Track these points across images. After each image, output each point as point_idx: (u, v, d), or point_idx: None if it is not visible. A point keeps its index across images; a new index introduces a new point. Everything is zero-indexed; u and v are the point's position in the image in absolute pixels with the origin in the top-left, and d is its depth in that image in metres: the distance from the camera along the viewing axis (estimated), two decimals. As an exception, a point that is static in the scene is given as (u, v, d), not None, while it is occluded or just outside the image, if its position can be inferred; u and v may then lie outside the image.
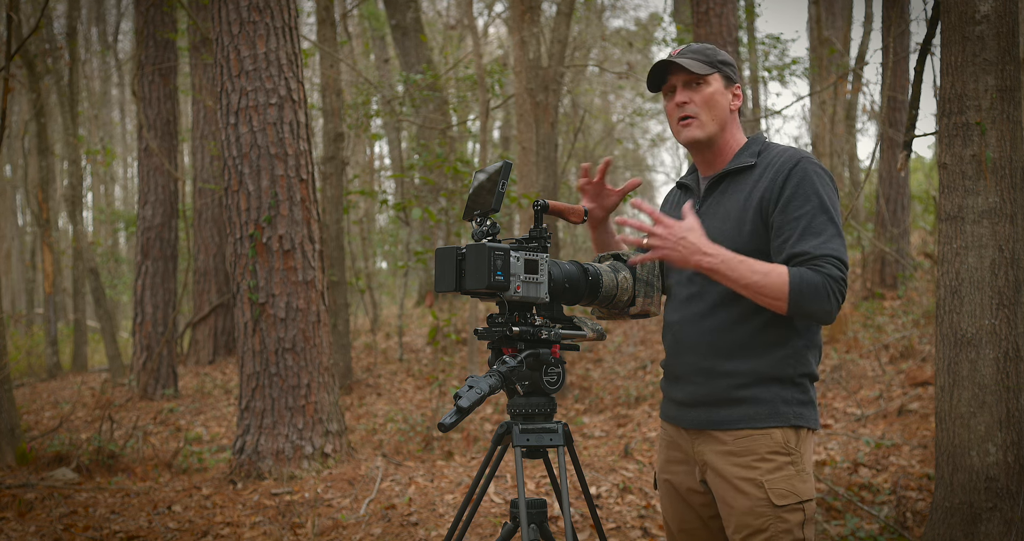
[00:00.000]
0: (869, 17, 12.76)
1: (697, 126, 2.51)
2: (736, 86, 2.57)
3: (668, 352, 2.59)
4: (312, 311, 6.00)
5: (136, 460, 6.82)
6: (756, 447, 2.40)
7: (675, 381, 2.57)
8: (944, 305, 3.70)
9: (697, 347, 2.48)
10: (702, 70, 2.48)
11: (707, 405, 2.46)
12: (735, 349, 2.43)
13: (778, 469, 2.39)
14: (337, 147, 9.82)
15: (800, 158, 2.43)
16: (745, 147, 2.55)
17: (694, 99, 2.50)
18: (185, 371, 12.19)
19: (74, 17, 14.83)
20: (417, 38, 14.55)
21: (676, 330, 2.54)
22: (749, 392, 2.41)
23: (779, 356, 2.42)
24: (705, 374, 2.47)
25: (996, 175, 3.59)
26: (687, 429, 2.53)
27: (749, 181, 2.47)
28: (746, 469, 2.39)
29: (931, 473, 5.29)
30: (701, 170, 2.63)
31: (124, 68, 23.77)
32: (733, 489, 2.41)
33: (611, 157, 2.74)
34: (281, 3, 6.00)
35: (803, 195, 2.37)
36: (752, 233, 2.42)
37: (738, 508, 2.40)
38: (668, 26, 16.25)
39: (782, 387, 2.42)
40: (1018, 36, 3.66)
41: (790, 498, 2.37)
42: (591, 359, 10.78)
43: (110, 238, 23.69)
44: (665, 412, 2.63)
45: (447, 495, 5.31)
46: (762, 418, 2.40)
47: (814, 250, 2.32)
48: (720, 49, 2.59)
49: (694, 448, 2.51)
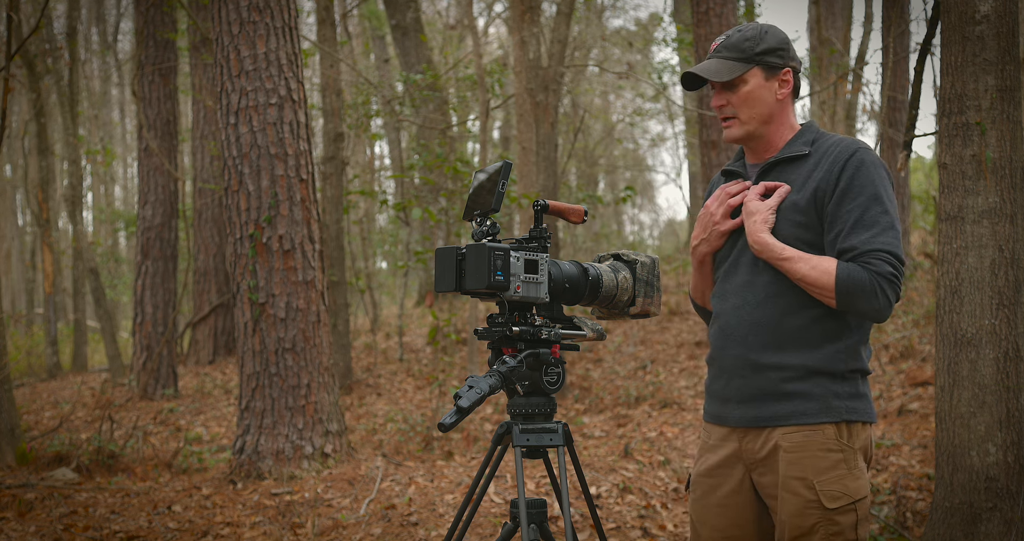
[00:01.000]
0: (869, 17, 12.76)
1: (736, 126, 2.44)
2: (784, 71, 2.44)
3: (714, 345, 2.52)
4: (312, 311, 6.00)
5: (136, 460, 6.82)
6: (807, 444, 2.32)
7: (721, 375, 2.48)
8: (944, 305, 3.70)
9: (745, 339, 2.41)
10: (730, 74, 2.40)
11: (755, 400, 2.39)
12: (785, 342, 2.36)
13: (831, 468, 2.31)
14: (337, 147, 9.82)
15: (857, 148, 2.36)
16: (798, 135, 2.46)
17: (731, 100, 2.43)
18: (185, 371, 12.18)
19: (74, 17, 14.83)
20: (417, 38, 14.55)
21: (723, 321, 2.48)
22: (798, 386, 2.34)
23: (831, 351, 2.35)
24: (752, 367, 2.39)
25: (996, 175, 3.59)
26: (734, 427, 2.45)
27: (803, 170, 2.40)
28: (796, 468, 2.32)
29: (931, 473, 5.29)
30: (749, 157, 2.56)
31: (124, 68, 23.76)
32: (783, 489, 2.33)
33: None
34: (281, 3, 6.00)
35: (858, 186, 2.31)
36: (805, 225, 2.36)
37: (787, 509, 2.32)
38: (668, 26, 16.26)
39: (832, 382, 2.34)
40: (1018, 36, 3.66)
41: (842, 499, 2.29)
42: (591, 359, 10.78)
43: (110, 238, 23.69)
44: (709, 411, 2.55)
45: (447, 495, 5.31)
46: (813, 413, 2.33)
47: (863, 245, 2.26)
48: (768, 32, 2.45)
49: (742, 446, 2.43)
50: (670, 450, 6.51)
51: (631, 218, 32.68)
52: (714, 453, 2.51)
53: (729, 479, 2.47)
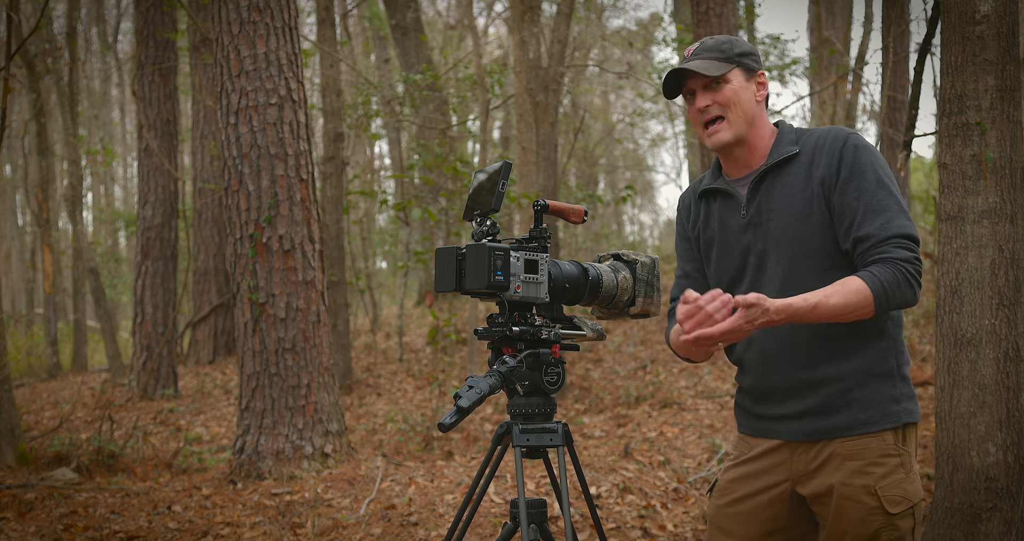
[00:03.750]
0: (869, 17, 12.76)
1: (725, 129, 2.38)
2: (759, 73, 2.43)
3: (754, 370, 2.43)
4: (312, 311, 6.00)
5: (136, 460, 6.82)
6: (867, 452, 2.29)
7: (770, 397, 2.40)
8: (944, 305, 3.70)
9: (793, 360, 2.34)
10: (718, 71, 2.36)
11: (814, 414, 2.32)
12: (833, 352, 2.31)
13: (890, 473, 2.28)
14: (337, 147, 9.82)
15: (848, 134, 2.33)
16: (781, 137, 2.42)
17: (716, 100, 2.38)
18: (185, 371, 12.18)
19: (74, 17, 14.83)
20: (417, 38, 14.55)
21: (761, 346, 2.39)
22: (857, 394, 2.30)
23: (880, 348, 2.31)
24: (807, 385, 2.33)
25: (996, 175, 3.59)
26: (787, 441, 2.38)
27: (799, 169, 2.35)
28: (860, 476, 2.28)
29: (931, 473, 5.28)
30: (732, 172, 2.47)
31: (124, 68, 23.77)
32: (842, 497, 2.29)
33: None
34: (281, 3, 6.00)
35: (859, 173, 2.27)
36: (821, 225, 2.30)
37: (849, 517, 2.28)
38: (668, 26, 16.26)
39: (889, 384, 2.31)
40: (1018, 36, 3.65)
41: (903, 504, 2.27)
42: (591, 359, 10.78)
43: (110, 238, 23.69)
44: (751, 426, 2.47)
45: (447, 495, 5.31)
46: (875, 422, 2.29)
47: (879, 232, 2.22)
48: (737, 39, 2.45)
49: (793, 458, 2.37)
50: (670, 450, 6.51)
51: (631, 218, 32.71)
52: (753, 464, 2.45)
53: (765, 490, 2.41)
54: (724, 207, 2.48)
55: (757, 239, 2.40)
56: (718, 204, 2.50)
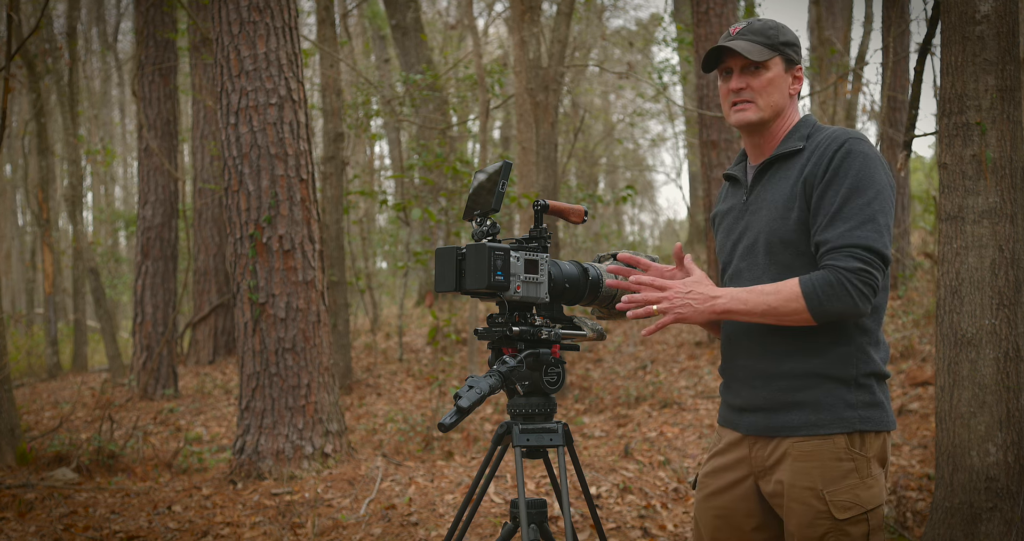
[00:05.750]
0: (869, 17, 12.76)
1: (753, 110, 2.36)
2: (798, 68, 2.41)
3: (723, 356, 2.48)
4: (312, 311, 6.00)
5: (136, 460, 6.82)
6: (818, 455, 2.26)
7: (732, 385, 2.44)
8: (944, 305, 3.70)
9: (751, 349, 2.36)
10: (761, 56, 2.33)
11: (765, 410, 2.33)
12: (791, 349, 2.29)
13: (841, 478, 2.24)
14: (337, 147, 9.82)
15: (847, 138, 2.28)
16: (795, 130, 2.40)
17: (752, 85, 2.36)
18: (185, 371, 12.19)
19: (74, 17, 14.83)
20: (417, 38, 14.55)
21: (729, 332, 2.44)
22: (808, 395, 2.27)
23: (839, 354, 2.27)
24: (761, 377, 2.34)
25: (996, 175, 3.59)
26: (745, 435, 2.40)
27: (797, 166, 2.34)
28: (806, 477, 2.25)
29: (931, 473, 5.29)
30: (752, 157, 2.48)
31: (124, 68, 23.77)
32: (791, 498, 2.28)
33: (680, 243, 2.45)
34: (281, 3, 6.00)
35: (840, 178, 2.24)
36: (798, 221, 2.29)
37: (796, 519, 2.27)
38: (668, 26, 16.26)
39: (846, 389, 2.27)
40: (1018, 36, 3.66)
41: (853, 510, 2.23)
42: (591, 359, 10.78)
43: (110, 238, 23.69)
44: (722, 416, 2.50)
45: (447, 495, 5.31)
46: (824, 424, 2.26)
47: (836, 239, 2.19)
48: (784, 26, 2.40)
49: (752, 453, 2.38)
50: (670, 450, 6.51)
51: (631, 218, 32.71)
52: (723, 456, 2.46)
53: (735, 485, 2.42)
54: (734, 192, 2.54)
55: (749, 226, 2.42)
56: (732, 188, 2.56)
